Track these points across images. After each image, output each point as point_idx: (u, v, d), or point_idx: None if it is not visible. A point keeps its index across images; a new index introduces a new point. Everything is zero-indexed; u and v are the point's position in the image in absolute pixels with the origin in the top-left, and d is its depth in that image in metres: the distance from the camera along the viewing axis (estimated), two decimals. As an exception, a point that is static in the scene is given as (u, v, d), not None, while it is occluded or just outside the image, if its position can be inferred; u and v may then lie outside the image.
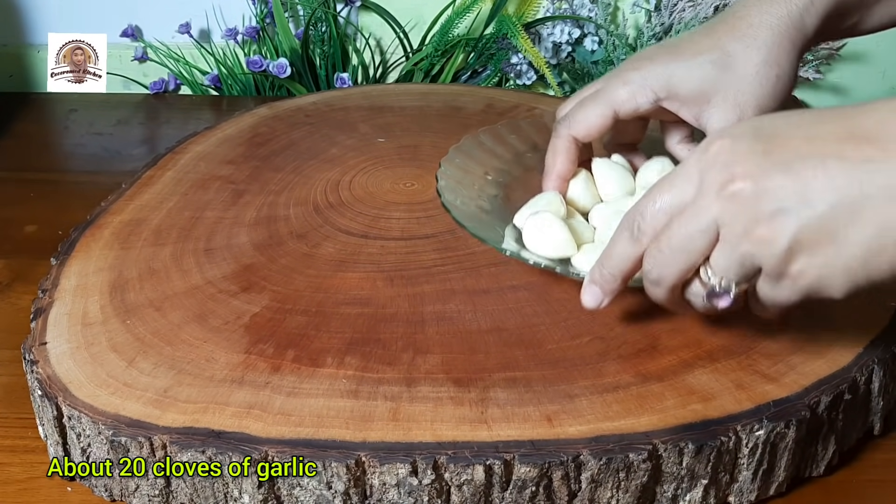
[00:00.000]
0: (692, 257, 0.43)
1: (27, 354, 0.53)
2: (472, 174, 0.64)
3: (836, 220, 0.38)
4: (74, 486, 0.51)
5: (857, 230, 0.38)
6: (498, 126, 0.68)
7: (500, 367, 0.52)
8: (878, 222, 0.38)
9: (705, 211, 0.41)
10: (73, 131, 0.95)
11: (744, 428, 0.48)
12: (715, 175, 0.41)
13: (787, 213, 0.39)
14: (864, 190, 0.38)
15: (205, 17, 1.03)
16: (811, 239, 0.39)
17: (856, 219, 0.38)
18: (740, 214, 0.40)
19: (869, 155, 0.38)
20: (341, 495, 0.46)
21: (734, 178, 0.40)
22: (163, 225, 0.66)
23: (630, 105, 0.57)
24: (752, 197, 0.39)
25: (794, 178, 0.39)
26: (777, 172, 0.39)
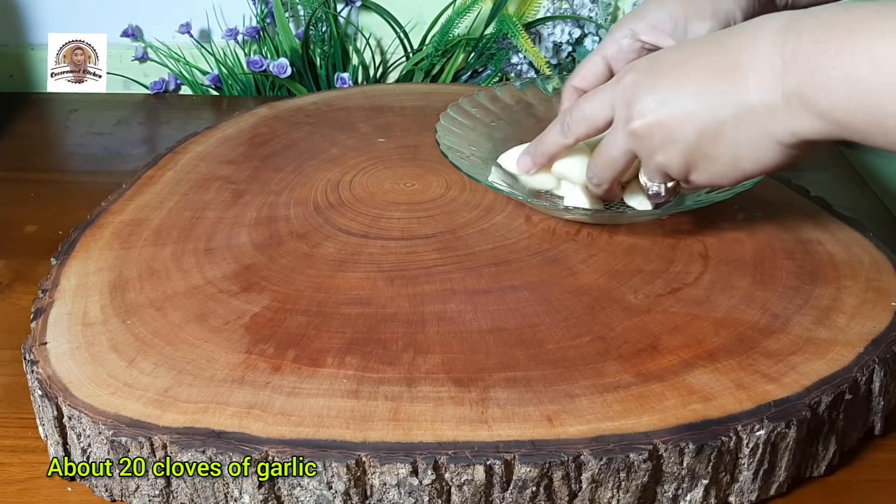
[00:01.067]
0: (619, 171, 0.57)
1: (27, 354, 0.53)
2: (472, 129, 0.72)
3: (705, 143, 0.51)
4: (74, 486, 0.51)
5: (722, 149, 0.50)
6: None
7: (500, 367, 0.52)
8: (734, 142, 0.50)
9: (620, 143, 0.55)
10: (73, 131, 0.95)
11: (744, 428, 0.48)
12: (621, 111, 0.54)
13: (672, 144, 0.52)
14: (718, 118, 0.49)
15: (205, 17, 1.03)
16: (694, 159, 0.52)
17: (718, 141, 0.50)
18: (642, 146, 0.54)
19: (723, 89, 0.49)
20: (341, 495, 0.46)
21: (633, 117, 0.53)
22: (163, 225, 0.66)
23: (613, 47, 0.64)
24: (646, 134, 0.53)
25: (672, 116, 0.51)
26: (662, 113, 0.51)
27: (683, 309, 0.56)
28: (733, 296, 0.58)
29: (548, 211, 0.66)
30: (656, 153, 0.53)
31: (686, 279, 0.59)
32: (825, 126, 0.46)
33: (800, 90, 0.46)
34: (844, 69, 0.44)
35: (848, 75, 0.43)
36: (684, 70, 0.51)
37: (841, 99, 0.44)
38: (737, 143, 0.50)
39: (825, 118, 0.45)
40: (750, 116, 0.48)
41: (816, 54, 0.45)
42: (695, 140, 0.51)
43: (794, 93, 0.46)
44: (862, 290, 0.59)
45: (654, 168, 0.55)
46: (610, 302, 0.57)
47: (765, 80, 0.47)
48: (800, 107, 0.46)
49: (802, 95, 0.46)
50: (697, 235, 0.64)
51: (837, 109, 0.44)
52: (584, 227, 0.65)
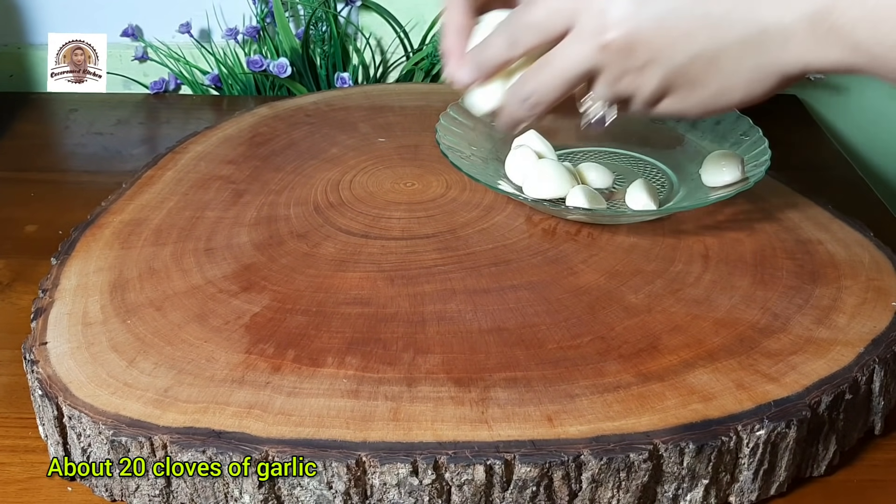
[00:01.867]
0: (569, 89, 0.47)
1: (27, 354, 0.53)
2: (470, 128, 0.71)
3: (696, 68, 0.43)
4: (75, 486, 0.51)
5: (713, 77, 0.43)
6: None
7: (500, 366, 0.52)
8: (730, 71, 0.43)
9: (583, 56, 0.45)
10: (73, 131, 0.95)
11: (745, 428, 0.48)
12: (589, 18, 0.44)
13: (655, 64, 0.44)
14: (720, 41, 0.42)
15: (205, 16, 1.03)
16: (675, 84, 0.45)
17: (712, 67, 0.43)
18: (615, 64, 0.45)
19: (728, 9, 0.42)
20: (342, 495, 0.46)
21: (607, 27, 0.44)
22: (163, 225, 0.66)
23: None
24: (624, 49, 0.44)
25: (662, 33, 0.43)
26: (647, 26, 0.43)
27: (684, 309, 0.56)
28: (733, 296, 0.58)
29: (548, 211, 0.66)
30: (628, 74, 0.45)
31: (686, 279, 0.59)
32: (855, 59, 0.40)
33: (831, 16, 0.39)
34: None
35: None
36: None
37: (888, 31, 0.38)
38: (734, 72, 0.43)
39: (859, 50, 0.39)
40: (759, 42, 0.42)
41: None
42: (684, 63, 0.44)
43: (823, 19, 0.40)
44: (862, 289, 0.59)
45: (617, 91, 0.46)
46: (610, 302, 0.57)
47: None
48: (828, 36, 0.40)
49: (834, 23, 0.39)
50: (697, 235, 0.64)
51: (881, 43, 0.38)
52: (585, 227, 0.65)
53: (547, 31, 0.46)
